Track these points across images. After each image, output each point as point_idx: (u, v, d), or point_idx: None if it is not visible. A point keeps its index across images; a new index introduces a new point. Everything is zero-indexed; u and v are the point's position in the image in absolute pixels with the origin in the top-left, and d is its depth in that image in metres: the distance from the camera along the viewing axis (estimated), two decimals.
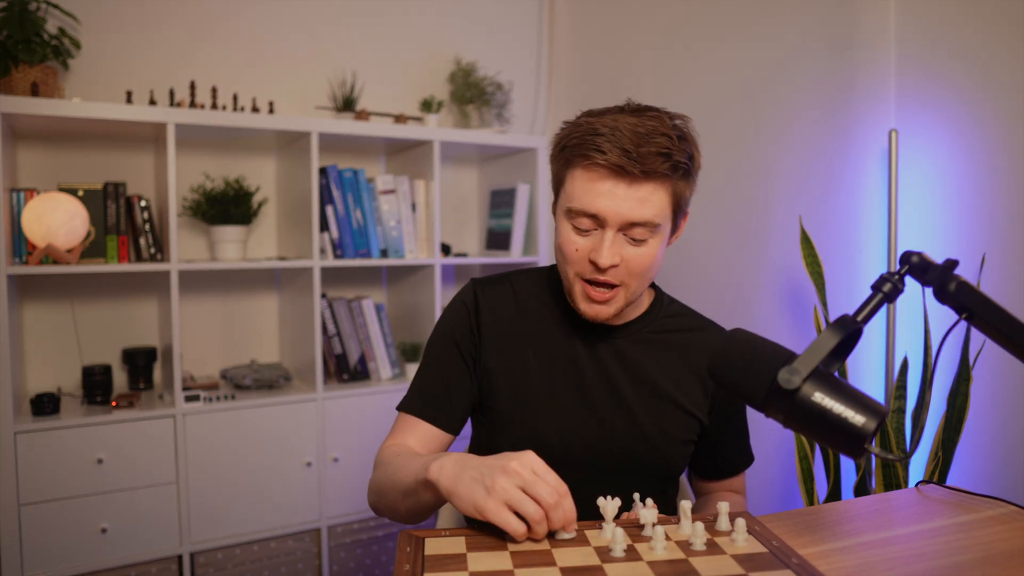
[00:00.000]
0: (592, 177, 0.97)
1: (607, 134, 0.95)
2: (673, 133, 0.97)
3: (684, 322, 1.16)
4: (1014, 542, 0.82)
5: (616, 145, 0.94)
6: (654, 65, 2.35)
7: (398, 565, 0.75)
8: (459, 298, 1.16)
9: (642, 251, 0.99)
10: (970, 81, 1.55)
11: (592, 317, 1.04)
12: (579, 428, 1.08)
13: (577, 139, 0.98)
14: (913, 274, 0.77)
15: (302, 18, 2.45)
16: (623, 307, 1.04)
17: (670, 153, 0.95)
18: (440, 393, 1.12)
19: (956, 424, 1.46)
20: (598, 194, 0.97)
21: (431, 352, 1.15)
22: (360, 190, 2.30)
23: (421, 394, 1.13)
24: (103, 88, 2.19)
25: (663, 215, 0.99)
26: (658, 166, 0.95)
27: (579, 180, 0.99)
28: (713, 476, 1.21)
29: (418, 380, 1.14)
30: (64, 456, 1.86)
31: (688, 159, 0.98)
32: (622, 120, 0.96)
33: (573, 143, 0.99)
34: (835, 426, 0.71)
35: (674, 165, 0.96)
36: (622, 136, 0.94)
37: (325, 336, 2.31)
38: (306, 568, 2.18)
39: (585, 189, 0.98)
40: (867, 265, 1.74)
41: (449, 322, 1.15)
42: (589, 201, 0.97)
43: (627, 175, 0.95)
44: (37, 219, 1.86)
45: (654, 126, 0.96)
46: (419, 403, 1.12)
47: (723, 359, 0.78)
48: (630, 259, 0.99)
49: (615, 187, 0.96)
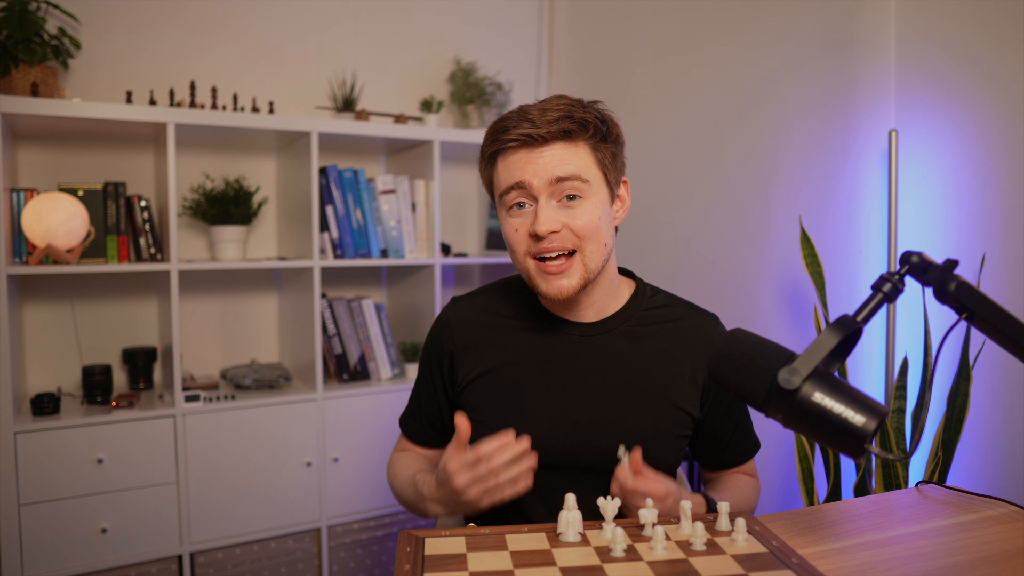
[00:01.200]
0: (508, 156, 1.03)
1: (513, 116, 1.02)
2: (578, 103, 1.02)
3: (668, 312, 1.14)
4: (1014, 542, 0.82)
5: (521, 120, 1.00)
6: (654, 65, 2.35)
7: (398, 565, 0.75)
8: (437, 321, 1.21)
9: (580, 211, 1.01)
10: (970, 81, 1.55)
11: (555, 295, 1.03)
12: (566, 430, 1.08)
13: (490, 138, 1.05)
14: (913, 274, 0.77)
15: (302, 18, 2.46)
16: (585, 277, 1.03)
17: (572, 114, 1.00)
18: (419, 417, 1.22)
19: (956, 424, 1.46)
20: (515, 167, 1.01)
21: (418, 374, 1.24)
22: (360, 190, 2.30)
23: (409, 416, 1.24)
24: (103, 88, 2.19)
25: (589, 172, 1.01)
26: (563, 125, 0.99)
27: (500, 167, 1.04)
28: (719, 468, 1.20)
29: (410, 400, 1.25)
30: (64, 456, 1.86)
31: (598, 120, 1.02)
32: (526, 105, 1.03)
33: (488, 142, 1.05)
34: (835, 426, 0.71)
35: (580, 123, 1.00)
36: (526, 113, 1.01)
37: (325, 336, 2.31)
38: (306, 568, 2.18)
39: (505, 168, 1.03)
40: (867, 265, 1.74)
41: (426, 349, 1.21)
42: (510, 176, 1.02)
43: (536, 142, 1.00)
44: (37, 219, 1.86)
45: (556, 101, 1.02)
46: (407, 425, 1.24)
47: (723, 359, 0.78)
48: (572, 224, 1.01)
49: (529, 154, 1.01)
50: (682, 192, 2.22)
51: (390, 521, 2.30)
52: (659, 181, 2.29)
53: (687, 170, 2.21)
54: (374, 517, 2.27)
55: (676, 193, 2.24)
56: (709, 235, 2.14)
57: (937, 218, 1.61)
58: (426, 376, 1.20)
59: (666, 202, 2.27)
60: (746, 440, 1.19)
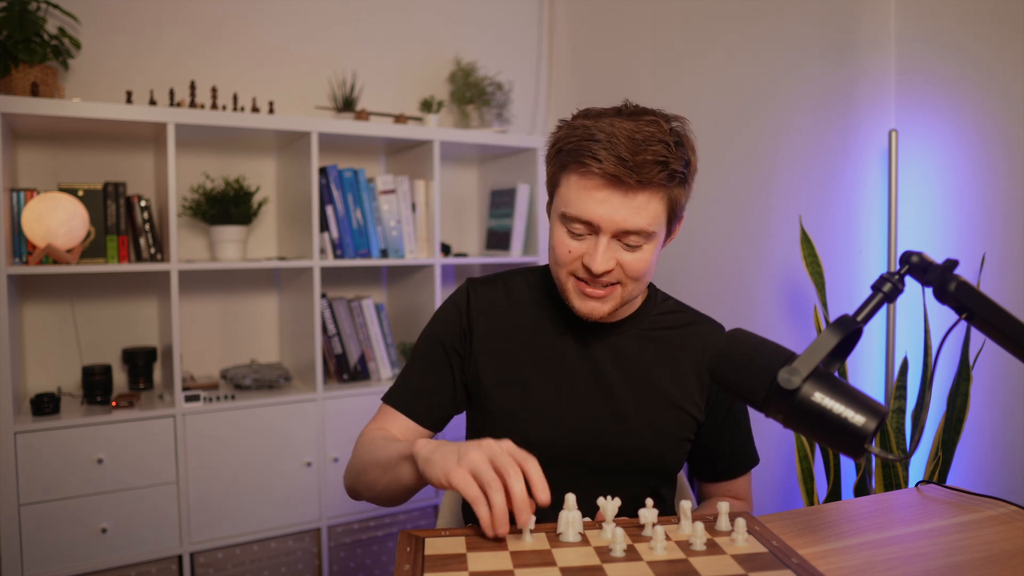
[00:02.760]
0: (587, 185, 0.96)
1: (603, 140, 0.93)
2: (670, 139, 0.95)
3: (678, 318, 1.15)
4: (1014, 542, 0.82)
5: (612, 153, 0.92)
6: (654, 65, 2.35)
7: (398, 565, 0.75)
8: (452, 299, 1.17)
9: (636, 256, 0.99)
10: (970, 81, 1.55)
11: (587, 315, 1.03)
12: (570, 427, 1.08)
13: (573, 144, 0.97)
14: (913, 274, 0.77)
15: (302, 18, 2.46)
16: (618, 307, 1.04)
17: (667, 162, 0.94)
18: (422, 391, 1.13)
19: (956, 424, 1.46)
20: (593, 202, 0.96)
21: (420, 349, 1.16)
22: (360, 190, 2.30)
23: (404, 388, 1.14)
24: (103, 88, 2.19)
25: (658, 222, 0.98)
26: (654, 176, 0.94)
27: (574, 187, 0.98)
28: (711, 477, 1.19)
29: (404, 374, 1.16)
30: (64, 456, 1.86)
31: (685, 166, 0.97)
32: (619, 125, 0.94)
33: (569, 147, 0.97)
34: (835, 426, 0.71)
35: (671, 174, 0.95)
36: (618, 143, 0.93)
37: (325, 336, 2.31)
38: (306, 568, 2.18)
39: (580, 196, 0.97)
40: (867, 265, 1.74)
41: (440, 323, 1.15)
42: (584, 208, 0.97)
43: (623, 184, 0.94)
44: (37, 219, 1.86)
45: (651, 132, 0.94)
46: (401, 397, 1.14)
47: (724, 359, 0.78)
48: (625, 264, 0.99)
49: (611, 196, 0.95)
50: None
51: (390, 521, 2.30)
52: None
53: None
54: (374, 517, 2.26)
55: None
56: (709, 235, 2.14)
57: (937, 218, 1.61)
58: (437, 349, 1.14)
59: None
60: (742, 453, 1.18)
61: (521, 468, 0.79)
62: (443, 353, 1.14)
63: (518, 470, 0.79)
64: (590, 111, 1.02)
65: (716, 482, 1.20)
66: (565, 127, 1.01)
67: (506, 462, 0.79)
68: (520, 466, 0.79)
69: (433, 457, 0.84)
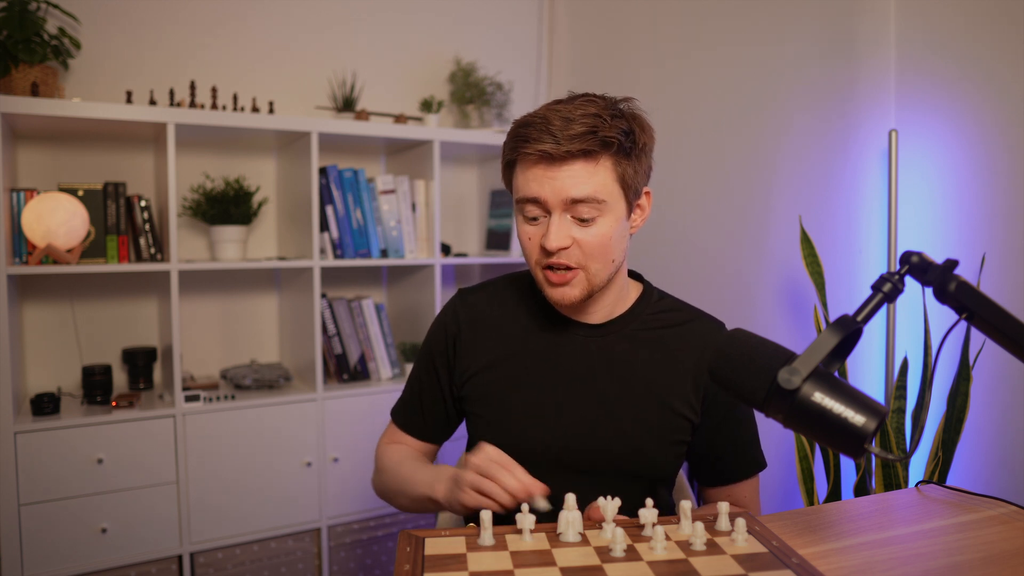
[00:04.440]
0: (527, 166, 1.01)
1: (537, 124, 0.98)
2: (606, 112, 0.98)
3: (674, 317, 1.13)
4: (1014, 542, 0.82)
5: (543, 132, 0.97)
6: (654, 65, 2.35)
7: (398, 565, 0.75)
8: (441, 314, 1.20)
9: (592, 231, 1.00)
10: (970, 81, 1.55)
11: (559, 301, 1.05)
12: (563, 431, 1.07)
13: (511, 138, 1.02)
14: (913, 274, 0.77)
15: (302, 18, 2.46)
16: (589, 289, 1.03)
17: (596, 130, 0.96)
18: (417, 408, 1.20)
19: (956, 424, 1.46)
20: (532, 180, 1.00)
21: (417, 365, 1.22)
22: (360, 190, 2.30)
23: (404, 408, 1.23)
24: (103, 88, 2.19)
25: (606, 191, 0.99)
26: (584, 143, 0.96)
27: (519, 175, 1.03)
28: (710, 480, 1.15)
29: (405, 391, 1.24)
30: (64, 456, 1.86)
31: (623, 134, 0.98)
32: (553, 108, 0.99)
33: (509, 142, 1.03)
34: (835, 426, 0.71)
35: (603, 140, 0.97)
36: (550, 123, 0.97)
37: (325, 336, 2.31)
38: (306, 568, 2.18)
39: (524, 179, 1.01)
40: (867, 265, 1.74)
41: (430, 338, 1.20)
42: (527, 188, 1.00)
43: (555, 158, 0.97)
44: (37, 219, 1.86)
45: (584, 108, 0.98)
46: (402, 416, 1.23)
47: (723, 359, 0.78)
48: (582, 240, 1.00)
49: (547, 170, 0.98)
50: (683, 192, 2.22)
51: (390, 521, 2.30)
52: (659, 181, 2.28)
53: (687, 170, 2.21)
54: (374, 517, 2.26)
55: (677, 193, 2.24)
56: (709, 235, 2.14)
57: (937, 218, 1.61)
58: (428, 367, 1.19)
59: (667, 202, 2.26)
60: (745, 456, 1.13)
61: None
62: (433, 370, 1.18)
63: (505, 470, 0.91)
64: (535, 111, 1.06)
65: (716, 486, 1.15)
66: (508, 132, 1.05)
67: (490, 468, 0.92)
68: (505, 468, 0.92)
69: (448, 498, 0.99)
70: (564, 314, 1.12)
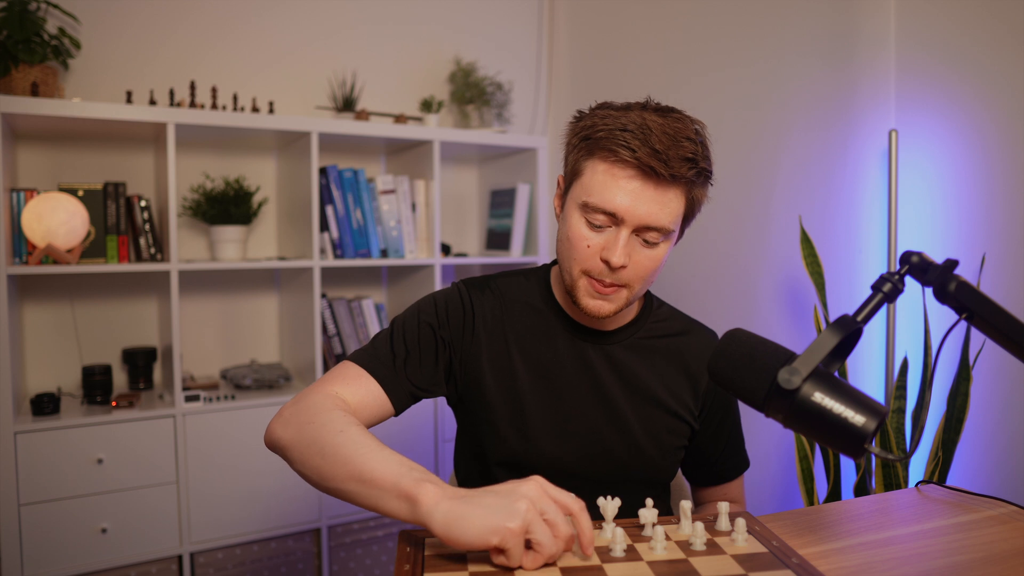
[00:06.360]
0: (617, 173, 0.93)
1: (635, 131, 0.91)
2: (697, 138, 0.94)
3: (670, 326, 1.14)
4: (1014, 542, 0.82)
5: (646, 144, 0.90)
6: (654, 65, 2.35)
7: (398, 565, 0.75)
8: (451, 294, 1.09)
9: (651, 254, 0.97)
10: (970, 82, 1.55)
11: (594, 312, 1.00)
12: (569, 438, 1.07)
13: (604, 132, 0.93)
14: (913, 274, 0.77)
15: (302, 18, 2.46)
16: (624, 305, 1.02)
17: (696, 159, 0.93)
18: (401, 361, 1.02)
19: (956, 424, 1.46)
20: (621, 191, 0.93)
21: (404, 326, 1.06)
22: (360, 190, 2.30)
23: (383, 357, 1.02)
24: (103, 88, 2.19)
25: (677, 221, 0.97)
26: (685, 171, 0.92)
27: (601, 175, 0.94)
28: (705, 481, 1.21)
29: (380, 342, 1.04)
30: (64, 456, 1.86)
31: (710, 167, 0.97)
32: (649, 118, 0.93)
33: (599, 135, 0.94)
34: (835, 426, 0.71)
35: (699, 172, 0.95)
36: (652, 135, 0.91)
37: (325, 336, 2.31)
38: (306, 568, 2.18)
39: (607, 185, 0.93)
40: (867, 265, 1.74)
41: (438, 311, 1.07)
42: (610, 198, 0.93)
43: (655, 176, 0.92)
44: (37, 219, 1.86)
45: (680, 128, 0.93)
46: (377, 364, 1.01)
47: (723, 359, 0.78)
48: (637, 261, 0.97)
49: (642, 187, 0.93)
50: None
51: (390, 521, 2.30)
52: None
53: None
54: (374, 517, 2.26)
55: None
56: (709, 235, 2.14)
57: (937, 218, 1.61)
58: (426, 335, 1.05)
59: None
60: (737, 456, 1.20)
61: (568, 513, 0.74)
62: (432, 338, 1.05)
63: (567, 526, 0.73)
64: (612, 104, 0.99)
65: (711, 486, 1.21)
66: (591, 116, 0.98)
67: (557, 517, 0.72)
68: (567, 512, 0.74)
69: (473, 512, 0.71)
70: (577, 320, 1.09)
